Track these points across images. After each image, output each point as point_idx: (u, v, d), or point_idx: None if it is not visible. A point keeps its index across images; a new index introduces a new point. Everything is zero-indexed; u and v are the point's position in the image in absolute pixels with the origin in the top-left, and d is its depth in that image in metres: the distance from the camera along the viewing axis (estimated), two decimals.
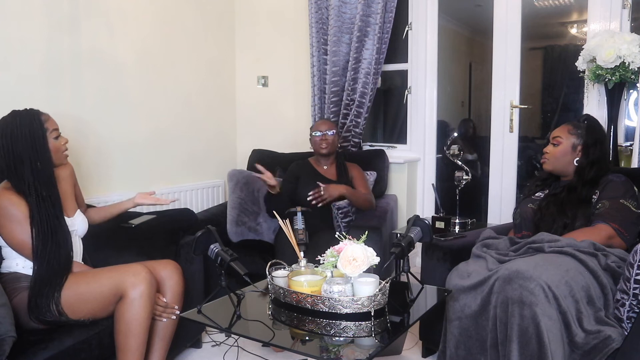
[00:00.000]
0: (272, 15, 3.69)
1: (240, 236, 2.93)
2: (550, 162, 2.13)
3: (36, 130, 1.85)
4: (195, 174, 3.50)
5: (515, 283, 1.63)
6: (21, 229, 1.80)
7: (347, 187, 2.78)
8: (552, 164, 2.13)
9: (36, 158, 1.83)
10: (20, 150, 1.82)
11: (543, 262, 1.70)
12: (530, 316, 1.57)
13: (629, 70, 2.41)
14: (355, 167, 2.96)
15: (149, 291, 1.80)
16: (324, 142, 2.86)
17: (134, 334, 1.78)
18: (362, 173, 2.97)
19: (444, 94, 3.63)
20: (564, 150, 2.09)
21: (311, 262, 1.73)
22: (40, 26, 2.52)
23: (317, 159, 2.96)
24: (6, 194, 1.81)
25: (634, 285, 1.58)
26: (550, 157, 2.12)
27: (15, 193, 1.82)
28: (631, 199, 1.95)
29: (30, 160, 1.82)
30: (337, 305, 1.49)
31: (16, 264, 1.86)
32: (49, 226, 1.81)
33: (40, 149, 1.85)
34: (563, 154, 2.10)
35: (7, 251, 1.88)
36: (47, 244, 1.80)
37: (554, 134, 2.14)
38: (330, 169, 2.93)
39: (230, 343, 2.44)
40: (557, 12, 3.76)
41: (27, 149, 1.82)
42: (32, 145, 1.83)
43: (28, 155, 1.82)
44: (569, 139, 2.09)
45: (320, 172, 2.91)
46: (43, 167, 1.85)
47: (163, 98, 3.23)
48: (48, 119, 1.92)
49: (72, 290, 1.79)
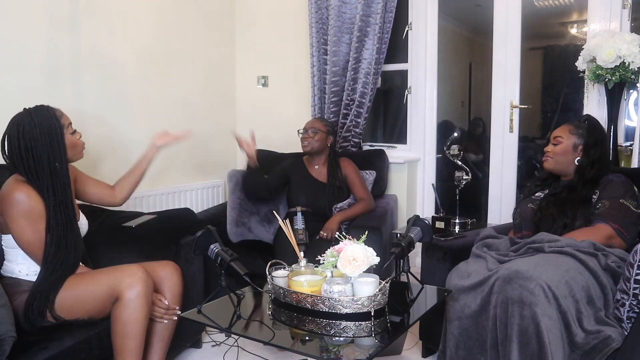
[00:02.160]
0: (272, 15, 3.69)
1: (240, 236, 2.93)
2: (551, 161, 2.12)
3: (54, 128, 1.78)
4: (195, 174, 3.50)
5: (515, 283, 1.63)
6: (35, 228, 1.75)
7: (340, 213, 2.72)
8: (553, 163, 2.12)
9: (55, 158, 1.78)
10: (39, 150, 1.75)
11: (543, 262, 1.70)
12: (530, 316, 1.57)
13: (629, 70, 2.41)
14: (349, 165, 2.89)
15: (145, 292, 1.78)
16: (304, 140, 2.83)
17: (131, 335, 1.76)
18: (356, 170, 2.91)
19: (444, 94, 3.63)
20: (565, 149, 2.09)
21: (311, 262, 1.73)
22: (40, 26, 2.52)
23: (309, 159, 2.93)
24: (24, 187, 1.74)
25: (634, 285, 1.58)
26: (552, 156, 2.12)
27: (33, 189, 1.75)
28: (631, 199, 1.95)
29: (49, 160, 1.76)
30: (337, 305, 1.49)
31: (19, 270, 1.83)
32: (63, 233, 1.78)
33: (58, 147, 1.79)
34: (564, 153, 2.09)
35: (11, 254, 1.84)
36: (59, 251, 1.77)
37: (554, 133, 2.14)
38: (321, 169, 2.89)
39: (230, 343, 2.44)
40: (557, 12, 3.76)
41: (46, 147, 1.76)
42: (50, 143, 1.77)
43: (47, 155, 1.76)
44: (570, 138, 2.09)
45: (312, 172, 2.88)
46: (61, 167, 1.80)
47: (163, 98, 3.23)
48: (62, 115, 1.86)
49: (69, 292, 1.78)
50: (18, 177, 1.79)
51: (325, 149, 2.87)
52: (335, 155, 2.91)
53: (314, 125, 2.83)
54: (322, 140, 2.83)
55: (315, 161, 2.90)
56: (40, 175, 1.76)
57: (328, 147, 2.88)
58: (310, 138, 2.81)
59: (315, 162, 2.90)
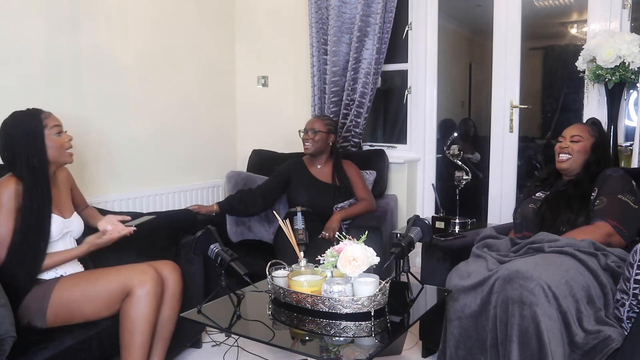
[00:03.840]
0: (272, 15, 3.69)
1: (240, 236, 2.93)
2: (571, 159, 2.10)
3: (33, 128, 1.85)
4: (195, 174, 3.50)
5: (516, 283, 1.63)
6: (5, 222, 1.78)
7: (341, 211, 2.70)
8: (571, 162, 2.11)
9: (33, 155, 1.83)
10: (17, 146, 1.82)
11: (543, 262, 1.70)
12: (530, 316, 1.57)
13: (629, 70, 2.41)
14: (352, 167, 2.89)
15: (155, 290, 1.84)
16: (306, 141, 2.81)
17: (140, 330, 1.81)
18: (358, 173, 2.90)
19: (444, 94, 3.63)
20: (585, 148, 2.10)
21: (311, 262, 1.73)
22: (40, 26, 2.52)
23: (309, 159, 2.91)
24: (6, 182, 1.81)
25: (634, 285, 1.58)
26: (571, 153, 2.10)
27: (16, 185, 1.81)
28: (629, 194, 1.95)
29: (27, 156, 1.82)
30: (337, 305, 1.49)
31: None
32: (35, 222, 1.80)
33: (35, 146, 1.85)
34: (584, 152, 2.10)
35: None
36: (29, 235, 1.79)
37: (571, 132, 2.13)
38: (324, 169, 2.87)
39: (230, 343, 2.44)
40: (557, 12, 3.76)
41: (23, 144, 1.83)
42: (27, 142, 1.83)
43: (25, 151, 1.82)
44: (589, 139, 2.11)
45: (313, 173, 2.86)
46: (39, 164, 1.85)
47: (163, 98, 3.23)
48: (49, 116, 1.92)
49: (79, 288, 1.81)
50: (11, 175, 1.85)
51: (326, 148, 2.85)
52: (338, 155, 2.89)
53: (314, 126, 2.81)
54: (323, 140, 2.82)
55: (317, 161, 2.88)
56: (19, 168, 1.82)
57: (329, 146, 2.86)
58: (311, 139, 2.79)
59: (317, 162, 2.88)
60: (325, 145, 2.83)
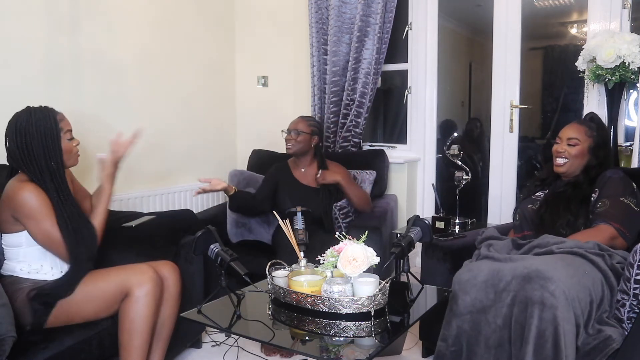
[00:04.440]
0: (272, 15, 3.69)
1: (240, 236, 2.93)
2: (567, 164, 2.07)
3: (49, 129, 1.82)
4: (195, 174, 3.48)
5: (536, 283, 1.58)
6: (50, 222, 1.77)
7: (345, 175, 2.71)
8: (568, 166, 2.07)
9: (51, 157, 1.81)
10: (36, 148, 1.79)
11: (562, 262, 1.67)
12: (550, 319, 1.53)
13: (629, 70, 2.41)
14: (339, 168, 2.79)
15: (154, 290, 1.83)
16: (287, 142, 2.77)
17: (138, 331, 1.81)
18: (347, 174, 2.79)
19: (444, 94, 3.63)
20: (582, 152, 2.06)
21: (311, 262, 1.73)
22: (40, 26, 2.52)
23: (294, 161, 2.86)
24: (28, 186, 1.77)
25: (634, 285, 1.58)
26: (567, 157, 2.06)
27: (37, 186, 1.79)
28: (631, 196, 1.94)
29: (46, 159, 1.80)
30: (337, 305, 1.49)
31: (20, 268, 1.84)
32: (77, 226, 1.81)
33: (53, 149, 1.82)
34: (581, 155, 2.06)
35: (11, 252, 1.85)
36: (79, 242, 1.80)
37: (567, 134, 2.08)
38: (308, 171, 2.80)
39: (230, 343, 2.44)
40: (557, 12, 3.76)
41: (42, 146, 1.80)
42: (45, 144, 1.80)
43: (43, 154, 1.80)
44: (586, 141, 2.06)
45: (297, 176, 2.80)
46: (57, 168, 1.83)
47: (163, 98, 3.23)
48: (63, 119, 1.89)
49: (78, 289, 1.81)
50: (21, 177, 1.82)
51: (309, 150, 2.80)
52: (322, 157, 2.82)
53: (297, 127, 2.76)
54: (306, 142, 2.76)
55: (300, 163, 2.83)
56: (41, 172, 1.80)
57: (312, 148, 2.81)
58: (293, 140, 2.75)
59: (301, 164, 2.82)
60: (308, 146, 2.78)
